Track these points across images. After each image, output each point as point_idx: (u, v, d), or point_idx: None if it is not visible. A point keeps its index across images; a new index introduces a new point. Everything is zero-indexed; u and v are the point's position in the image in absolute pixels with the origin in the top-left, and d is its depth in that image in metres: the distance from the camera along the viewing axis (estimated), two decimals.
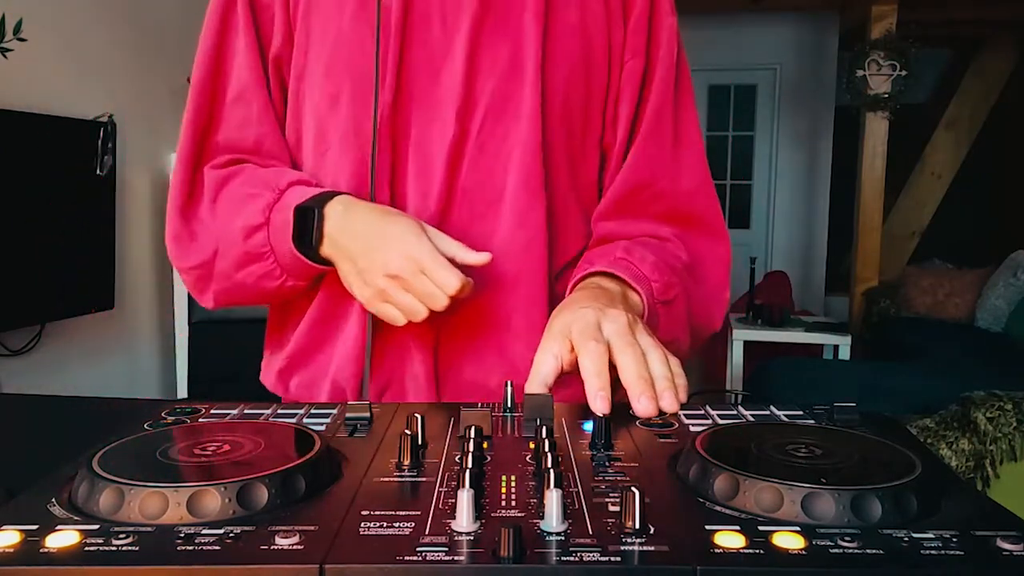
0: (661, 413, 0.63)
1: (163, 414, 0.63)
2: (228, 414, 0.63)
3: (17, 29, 2.63)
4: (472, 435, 0.52)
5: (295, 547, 0.39)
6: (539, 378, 0.68)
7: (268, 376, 0.95)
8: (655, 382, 0.64)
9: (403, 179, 0.86)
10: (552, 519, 0.41)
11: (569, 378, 0.69)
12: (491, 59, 0.84)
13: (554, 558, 0.38)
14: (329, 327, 0.90)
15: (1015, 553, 0.39)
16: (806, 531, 0.41)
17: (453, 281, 0.75)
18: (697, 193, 0.93)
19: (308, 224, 0.81)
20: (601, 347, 0.66)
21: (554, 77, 0.86)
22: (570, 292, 0.82)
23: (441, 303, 0.76)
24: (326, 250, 0.82)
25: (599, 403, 0.62)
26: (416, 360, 0.87)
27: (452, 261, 0.77)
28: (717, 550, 0.39)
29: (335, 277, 0.84)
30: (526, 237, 0.86)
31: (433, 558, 0.38)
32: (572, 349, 0.68)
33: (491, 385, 0.87)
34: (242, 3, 0.88)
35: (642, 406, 0.62)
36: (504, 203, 0.86)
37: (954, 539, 0.40)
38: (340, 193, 0.83)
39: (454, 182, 0.85)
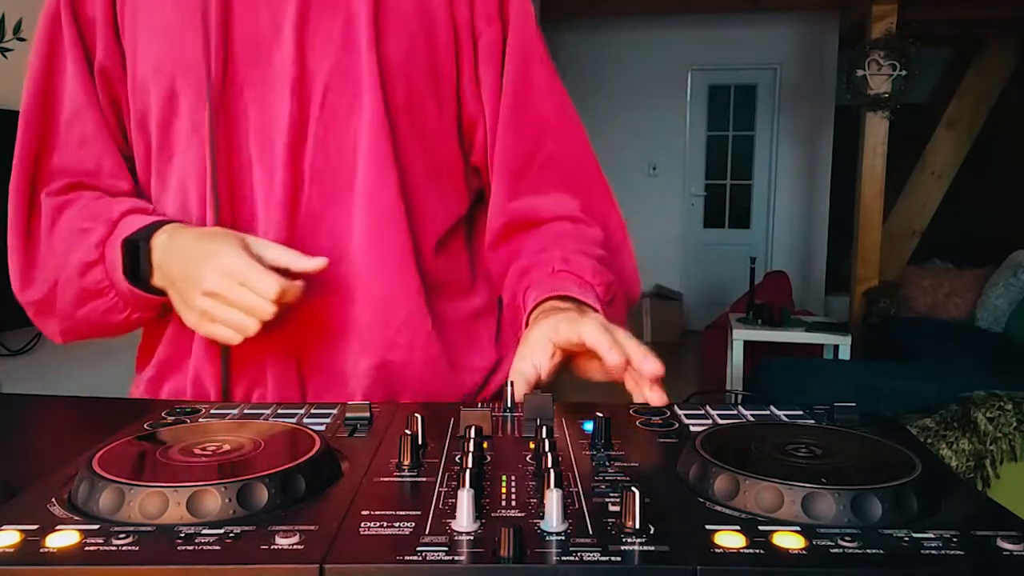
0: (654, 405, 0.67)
1: (163, 414, 0.63)
2: (228, 414, 0.63)
3: (17, 29, 2.63)
4: (472, 435, 0.52)
5: (295, 547, 0.39)
6: (522, 386, 0.69)
7: (137, 392, 0.95)
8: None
9: (247, 168, 0.83)
10: (552, 519, 0.41)
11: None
12: (324, 36, 0.82)
13: (554, 558, 0.38)
14: (188, 335, 0.87)
15: (1015, 553, 0.39)
16: (806, 531, 0.41)
17: (272, 286, 0.73)
18: (585, 155, 0.92)
19: (137, 257, 0.80)
20: (600, 321, 0.69)
21: (393, 52, 0.83)
22: (526, 321, 0.80)
23: (267, 312, 0.74)
24: (156, 280, 0.81)
25: (650, 364, 0.66)
26: (278, 354, 0.85)
27: (287, 272, 0.75)
28: (717, 550, 0.39)
29: None
30: (379, 214, 0.84)
31: (433, 558, 0.38)
32: (552, 356, 0.71)
33: (360, 369, 0.84)
34: (67, 21, 0.85)
35: (650, 365, 0.66)
36: (356, 183, 0.84)
37: (954, 539, 0.40)
38: (169, 221, 0.82)
39: (299, 164, 0.82)
